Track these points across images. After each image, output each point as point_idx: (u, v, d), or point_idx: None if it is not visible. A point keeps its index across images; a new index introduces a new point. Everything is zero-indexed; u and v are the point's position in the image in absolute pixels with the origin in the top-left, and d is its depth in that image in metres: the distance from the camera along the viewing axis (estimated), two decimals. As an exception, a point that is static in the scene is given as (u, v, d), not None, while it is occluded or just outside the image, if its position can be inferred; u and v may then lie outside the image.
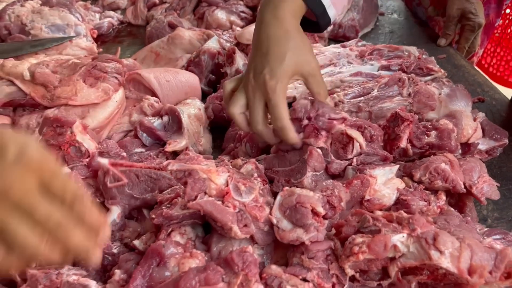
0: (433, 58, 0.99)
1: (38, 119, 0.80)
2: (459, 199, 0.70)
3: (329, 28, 1.26)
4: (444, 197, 0.65)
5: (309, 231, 0.52)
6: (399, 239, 0.49)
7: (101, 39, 1.37)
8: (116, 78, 0.88)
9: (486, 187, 0.68)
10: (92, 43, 1.23)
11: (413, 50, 1.05)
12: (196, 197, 0.56)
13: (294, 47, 0.64)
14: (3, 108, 0.83)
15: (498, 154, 0.83)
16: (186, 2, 1.36)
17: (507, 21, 1.44)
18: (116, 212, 0.65)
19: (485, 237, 0.56)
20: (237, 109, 0.66)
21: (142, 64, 1.14)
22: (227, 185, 0.57)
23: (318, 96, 0.67)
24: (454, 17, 1.20)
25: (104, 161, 0.67)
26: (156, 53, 1.14)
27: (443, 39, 1.22)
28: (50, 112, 0.78)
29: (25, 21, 1.23)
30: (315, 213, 0.54)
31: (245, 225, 0.55)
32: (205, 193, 0.56)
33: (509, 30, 1.52)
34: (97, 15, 1.43)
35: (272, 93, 0.62)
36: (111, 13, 1.46)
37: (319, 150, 0.65)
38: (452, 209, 0.66)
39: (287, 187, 0.57)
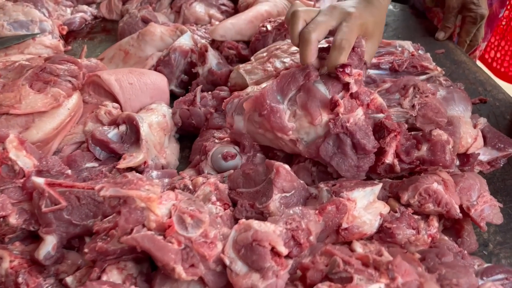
0: (428, 54, 0.88)
1: (-25, 131, 0.70)
2: (455, 221, 0.60)
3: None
4: (436, 224, 0.55)
5: (266, 277, 0.42)
6: (375, 290, 0.39)
7: (72, 35, 1.27)
8: (70, 81, 0.78)
9: (487, 209, 0.58)
10: (59, 40, 1.13)
11: (407, 45, 0.94)
12: (132, 230, 0.46)
13: (380, 12, 0.72)
14: None
15: (501, 165, 0.73)
16: (162, -6, 1.25)
17: (512, 12, 1.33)
18: (51, 242, 0.55)
19: (484, 278, 0.46)
20: (317, 35, 0.63)
21: (110, 63, 1.04)
22: (171, 217, 0.47)
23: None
24: (454, 8, 1.09)
25: (38, 181, 0.57)
26: (125, 51, 1.04)
27: (442, 32, 1.12)
28: (-16, 124, 0.68)
29: (-14, 17, 1.13)
30: (275, 252, 0.44)
31: (192, 265, 0.45)
32: (143, 226, 0.46)
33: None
34: (68, 10, 1.33)
35: (354, 19, 0.64)
36: (84, 7, 1.36)
37: (287, 167, 0.55)
38: (446, 237, 0.56)
39: (243, 220, 0.47)
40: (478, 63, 1.56)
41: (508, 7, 1.28)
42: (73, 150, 0.75)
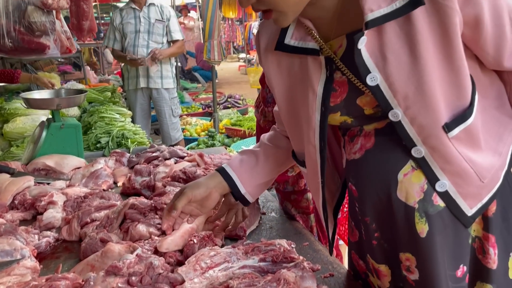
0: (294, 249, 1.45)
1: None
2: None
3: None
4: None
5: None
6: None
7: (40, 256, 1.65)
8: (65, 291, 1.18)
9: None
10: (36, 262, 1.52)
11: (283, 242, 1.50)
12: None
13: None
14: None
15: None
16: (113, 220, 1.74)
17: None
18: None
19: None
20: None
21: (80, 275, 1.44)
22: None
23: None
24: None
25: None
26: (92, 265, 1.46)
27: None
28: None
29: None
30: None
31: None
32: None
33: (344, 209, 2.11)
34: (36, 236, 1.74)
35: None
36: (48, 232, 1.78)
37: None
38: None
39: None
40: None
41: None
42: None
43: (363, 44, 1.02)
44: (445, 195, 1.11)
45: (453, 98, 1.06)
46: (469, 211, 1.13)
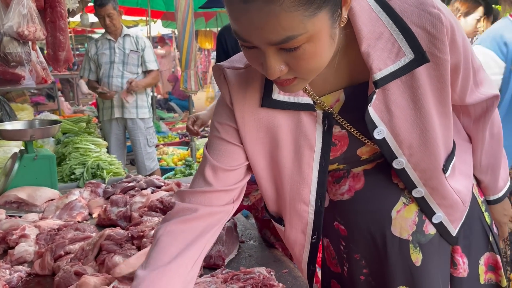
0: (274, 277, 1.44)
1: None
2: None
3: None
4: None
5: None
6: None
7: (12, 295, 1.60)
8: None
9: None
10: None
11: (263, 270, 1.50)
12: None
13: None
14: None
15: None
16: (88, 252, 1.70)
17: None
18: None
19: None
20: None
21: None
22: None
23: None
24: None
25: None
26: (66, 299, 1.42)
27: None
28: None
29: None
30: None
31: None
32: None
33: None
34: (7, 271, 1.68)
35: None
36: (20, 267, 1.72)
37: None
38: None
39: None
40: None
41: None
42: None
43: (372, 102, 1.02)
44: (438, 225, 1.19)
45: (447, 141, 1.13)
46: (454, 232, 1.23)
